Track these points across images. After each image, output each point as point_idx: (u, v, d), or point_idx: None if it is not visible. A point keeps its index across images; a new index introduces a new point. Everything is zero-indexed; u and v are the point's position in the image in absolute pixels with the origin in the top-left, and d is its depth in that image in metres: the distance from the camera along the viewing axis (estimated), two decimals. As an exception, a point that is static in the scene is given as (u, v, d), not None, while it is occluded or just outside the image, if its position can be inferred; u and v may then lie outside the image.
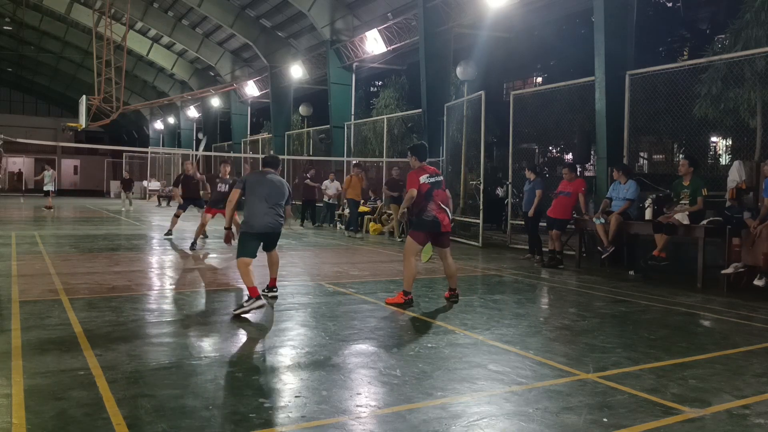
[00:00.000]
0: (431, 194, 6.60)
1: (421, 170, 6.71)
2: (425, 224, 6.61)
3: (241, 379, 4.02)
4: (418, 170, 6.71)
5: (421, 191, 6.57)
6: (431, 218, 6.57)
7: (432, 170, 6.78)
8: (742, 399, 3.83)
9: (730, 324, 6.09)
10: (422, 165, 6.79)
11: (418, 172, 6.69)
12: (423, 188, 6.58)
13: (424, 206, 6.58)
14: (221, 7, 23.87)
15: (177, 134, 39.49)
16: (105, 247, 11.48)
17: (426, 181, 6.63)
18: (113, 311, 5.95)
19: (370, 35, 18.57)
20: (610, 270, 9.74)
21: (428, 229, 6.62)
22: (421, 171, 6.70)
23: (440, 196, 6.67)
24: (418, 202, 6.62)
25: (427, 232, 6.65)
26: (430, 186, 6.62)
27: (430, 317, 6.05)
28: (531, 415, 3.48)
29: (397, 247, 12.71)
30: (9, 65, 44.44)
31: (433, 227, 6.60)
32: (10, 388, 3.72)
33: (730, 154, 13.68)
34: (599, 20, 10.85)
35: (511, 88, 24.39)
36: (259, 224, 6.29)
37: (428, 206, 6.57)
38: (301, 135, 24.12)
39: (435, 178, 6.71)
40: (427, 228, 6.62)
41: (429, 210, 6.57)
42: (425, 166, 6.79)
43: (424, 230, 6.64)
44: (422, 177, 6.63)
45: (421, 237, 6.67)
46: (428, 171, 6.73)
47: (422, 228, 6.64)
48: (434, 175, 6.73)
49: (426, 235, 6.68)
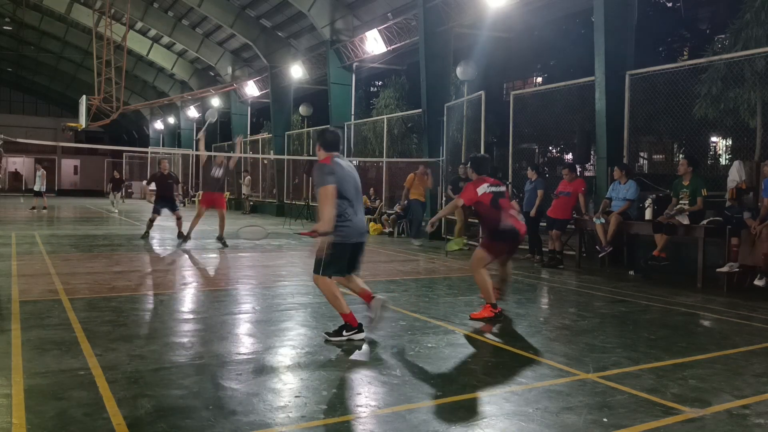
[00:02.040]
0: (498, 204, 6.20)
1: (480, 180, 6.33)
2: (505, 234, 6.21)
3: (241, 379, 4.02)
4: (476, 181, 6.35)
5: (484, 203, 6.19)
6: (509, 227, 6.17)
7: (492, 181, 6.38)
8: (742, 399, 3.83)
9: (730, 324, 6.09)
10: (482, 177, 6.37)
11: (477, 182, 6.31)
12: (485, 199, 6.18)
13: (497, 216, 6.19)
14: (221, 7, 23.86)
15: (177, 134, 39.46)
16: (105, 247, 11.48)
17: (487, 191, 6.20)
18: (113, 311, 5.95)
19: (370, 35, 18.57)
20: (610, 270, 9.74)
21: (508, 239, 6.23)
22: (480, 181, 6.31)
23: (506, 204, 6.30)
24: (488, 215, 6.25)
25: (507, 242, 6.26)
26: (493, 195, 6.20)
27: (430, 317, 6.05)
28: (531, 415, 3.48)
29: (397, 247, 12.72)
30: (9, 65, 44.42)
31: (512, 237, 6.23)
32: (10, 388, 3.72)
33: (730, 154, 13.68)
34: (599, 20, 10.84)
35: (511, 88, 24.39)
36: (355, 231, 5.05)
37: (501, 216, 6.17)
38: (301, 135, 24.12)
39: (497, 188, 6.29)
40: (507, 238, 6.23)
41: (504, 219, 6.17)
42: (485, 177, 6.37)
43: (504, 240, 6.26)
44: (480, 187, 6.23)
45: (497, 248, 6.25)
46: (488, 181, 6.32)
47: (501, 239, 6.24)
48: (495, 185, 6.30)
49: (504, 246, 6.29)
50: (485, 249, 6.22)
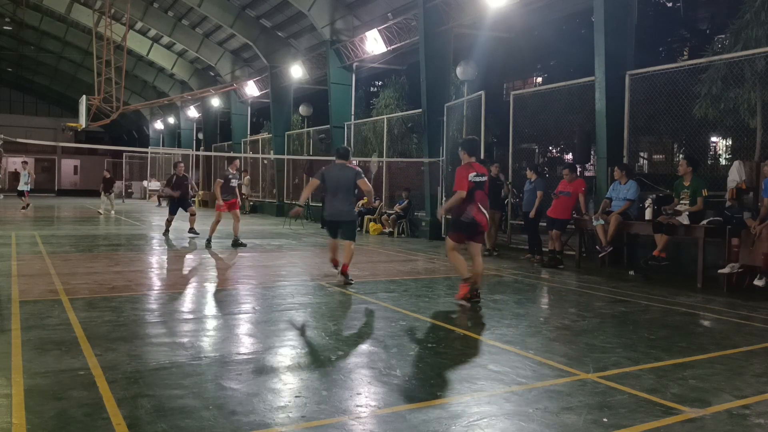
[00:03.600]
0: (473, 195, 6.46)
1: (469, 167, 6.50)
2: (464, 226, 6.55)
3: (241, 379, 4.02)
4: (466, 166, 6.52)
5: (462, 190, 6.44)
6: (470, 220, 6.47)
7: (478, 168, 6.57)
8: (742, 399, 3.83)
9: (730, 324, 6.09)
10: (471, 162, 6.57)
11: (466, 169, 6.48)
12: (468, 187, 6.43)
13: (464, 207, 6.46)
14: (221, 7, 23.85)
15: (177, 134, 39.44)
16: (105, 247, 11.48)
17: (471, 179, 6.44)
18: (113, 311, 5.95)
19: (370, 35, 18.56)
20: (610, 270, 9.74)
21: (466, 231, 6.60)
22: (469, 168, 6.49)
23: (480, 196, 6.54)
24: (459, 204, 6.50)
25: (466, 232, 6.62)
26: (474, 185, 6.47)
27: (430, 317, 6.05)
28: (531, 415, 3.48)
29: (397, 247, 12.72)
30: (9, 65, 44.41)
31: (470, 230, 6.56)
32: (10, 388, 3.72)
33: (730, 154, 13.67)
34: (599, 20, 10.84)
35: (511, 88, 24.39)
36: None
37: (467, 207, 6.45)
38: (301, 135, 24.11)
39: (480, 178, 6.53)
40: (464, 230, 6.60)
41: (468, 211, 6.45)
42: (474, 164, 6.58)
43: (463, 231, 6.62)
44: (470, 175, 6.43)
45: (457, 238, 6.68)
46: (475, 169, 6.52)
47: (461, 229, 6.62)
48: (479, 175, 6.53)
49: (463, 236, 6.67)
50: (451, 238, 6.78)
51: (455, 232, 6.70)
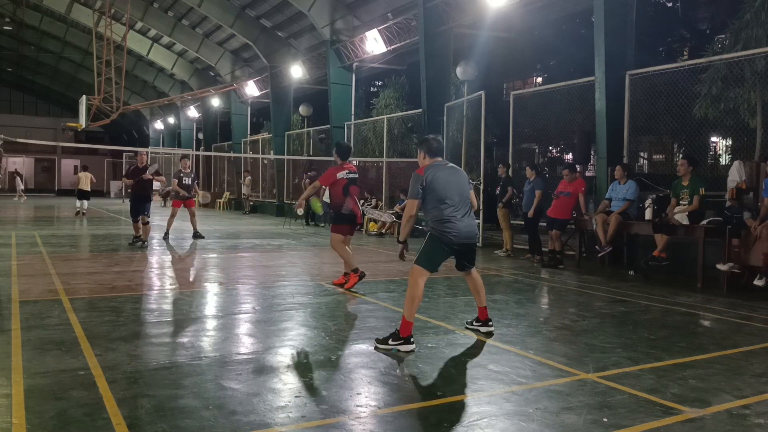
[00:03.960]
0: (348, 190, 7.35)
1: (339, 168, 7.43)
2: (345, 218, 7.42)
3: (241, 379, 4.02)
4: (338, 167, 7.45)
5: (338, 187, 7.34)
6: (349, 212, 7.37)
7: (350, 167, 7.54)
8: (742, 399, 3.83)
9: (730, 324, 6.09)
10: (343, 164, 7.49)
11: (338, 168, 7.42)
12: (341, 183, 7.33)
13: (343, 201, 7.33)
14: (221, 7, 23.85)
15: (177, 134, 39.45)
16: (105, 247, 11.48)
17: (344, 176, 7.36)
18: (113, 311, 5.95)
19: (370, 35, 18.56)
20: (610, 270, 9.74)
21: (349, 222, 7.47)
22: (340, 168, 7.42)
23: (354, 191, 7.45)
24: (337, 198, 7.37)
25: (348, 224, 7.48)
26: (348, 181, 7.37)
27: (430, 317, 6.05)
28: (531, 415, 3.48)
29: (396, 247, 12.69)
30: (9, 65, 44.42)
31: (352, 221, 7.47)
32: (10, 388, 3.72)
33: (730, 154, 13.67)
34: (599, 20, 10.84)
35: (511, 88, 24.39)
36: None
37: (345, 201, 7.32)
38: (301, 135, 24.12)
39: (353, 175, 7.49)
40: (347, 222, 7.45)
41: (347, 204, 7.33)
42: (345, 164, 7.52)
43: (345, 222, 7.44)
44: (341, 173, 7.36)
45: (342, 229, 7.46)
46: (347, 168, 7.48)
47: (343, 221, 7.43)
48: (352, 172, 7.51)
49: (347, 228, 7.49)
50: (337, 231, 7.47)
51: (340, 224, 7.45)
